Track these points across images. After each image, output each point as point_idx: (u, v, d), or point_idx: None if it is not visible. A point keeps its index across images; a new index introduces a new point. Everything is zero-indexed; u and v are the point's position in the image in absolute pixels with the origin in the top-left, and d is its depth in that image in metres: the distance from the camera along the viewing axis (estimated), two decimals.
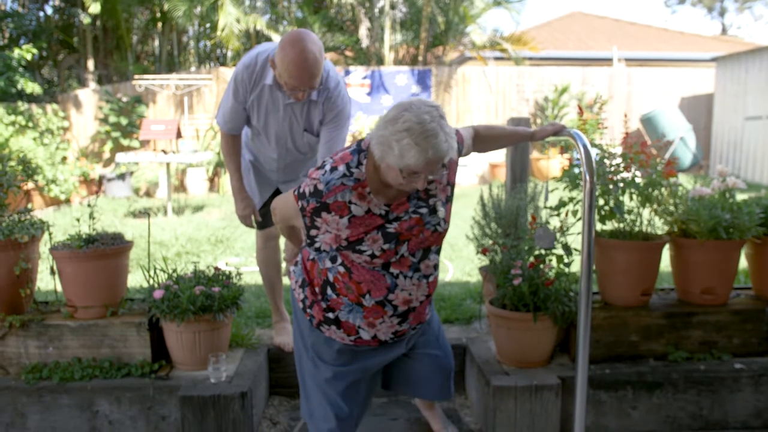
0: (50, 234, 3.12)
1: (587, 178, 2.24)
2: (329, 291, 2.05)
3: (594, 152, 2.99)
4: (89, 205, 3.06)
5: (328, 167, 1.93)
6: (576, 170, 3.03)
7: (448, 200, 2.05)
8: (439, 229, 1.99)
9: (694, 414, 2.92)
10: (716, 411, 2.93)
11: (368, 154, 1.91)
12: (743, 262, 3.30)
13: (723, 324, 3.02)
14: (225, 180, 11.73)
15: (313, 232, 1.96)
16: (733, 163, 12.08)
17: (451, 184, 2.07)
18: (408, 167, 1.76)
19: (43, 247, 3.09)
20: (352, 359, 2.19)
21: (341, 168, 1.90)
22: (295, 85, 2.58)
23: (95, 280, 2.93)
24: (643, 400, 2.90)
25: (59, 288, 3.07)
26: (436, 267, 2.11)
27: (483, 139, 2.36)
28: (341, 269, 2.00)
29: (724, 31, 35.91)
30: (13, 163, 3.19)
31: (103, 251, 2.91)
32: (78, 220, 3.05)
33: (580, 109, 3.02)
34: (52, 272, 2.99)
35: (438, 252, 2.11)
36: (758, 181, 11.29)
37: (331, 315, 2.08)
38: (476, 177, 12.61)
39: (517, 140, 2.54)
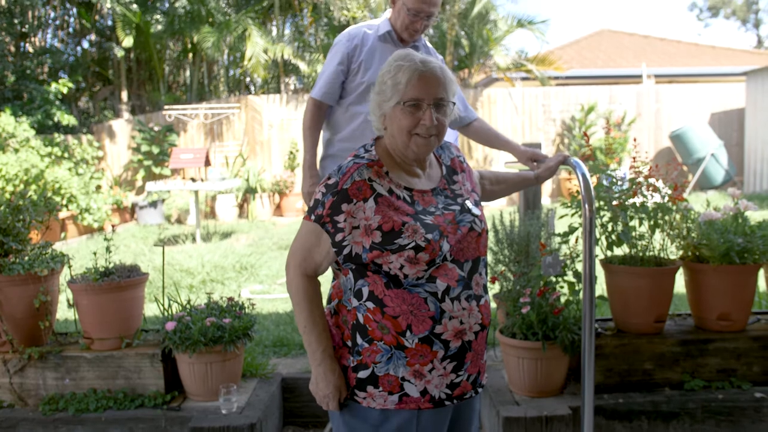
0: (70, 266, 3.21)
1: (586, 207, 2.23)
2: (359, 339, 1.68)
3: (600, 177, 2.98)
4: (106, 239, 3.14)
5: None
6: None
7: (478, 204, 1.86)
8: (476, 227, 1.74)
9: None
10: None
11: (375, 142, 1.81)
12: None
13: (742, 351, 2.94)
14: (253, 206, 11.91)
15: (339, 236, 1.65)
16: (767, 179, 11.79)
17: (476, 192, 1.93)
18: (406, 93, 1.68)
19: (64, 279, 3.19)
20: None
21: (350, 158, 1.77)
22: (418, 9, 2.73)
23: (111, 312, 3.00)
24: (659, 431, 2.83)
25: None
26: (486, 289, 1.80)
27: (490, 180, 2.24)
28: (370, 305, 1.67)
29: (759, 42, 35.28)
30: (49, 194, 3.30)
31: (118, 284, 2.98)
32: (95, 253, 3.13)
33: (586, 135, 3.01)
34: (70, 305, 3.07)
35: (485, 269, 1.82)
36: None
37: (363, 374, 1.68)
38: (504, 198, 12.54)
39: (524, 185, 2.42)
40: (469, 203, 1.80)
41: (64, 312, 3.52)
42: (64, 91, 11.77)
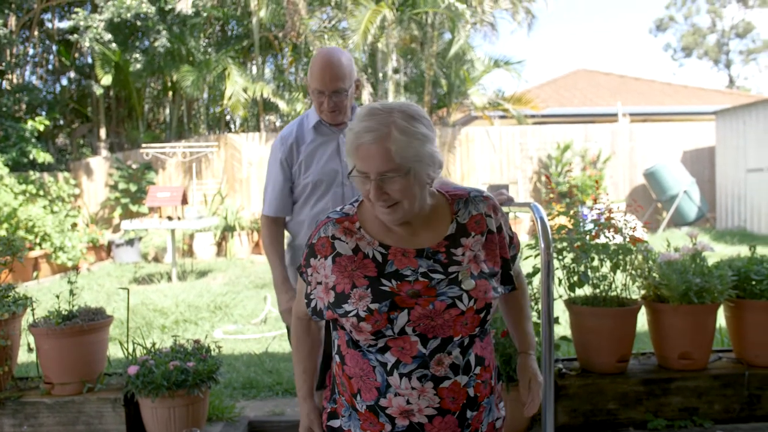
0: (32, 309, 3.17)
1: (543, 250, 2.27)
2: (336, 389, 1.66)
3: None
4: (69, 282, 3.12)
5: None
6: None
7: (483, 277, 1.55)
8: (459, 305, 1.48)
9: None
10: None
11: None
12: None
13: (703, 389, 2.97)
14: (232, 244, 11.86)
15: (308, 289, 1.63)
16: (738, 216, 12.01)
17: (487, 261, 1.59)
18: (352, 162, 1.51)
19: (27, 322, 3.15)
20: None
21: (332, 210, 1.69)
22: (320, 89, 2.52)
23: (72, 356, 2.97)
24: None
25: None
26: (458, 370, 1.51)
27: None
28: (337, 359, 1.63)
29: (731, 82, 36.27)
30: (21, 233, 3.28)
31: (81, 327, 2.95)
32: (58, 296, 3.10)
33: (548, 178, 3.07)
34: (30, 349, 3.03)
35: (464, 349, 1.53)
36: (764, 232, 11.19)
37: (334, 424, 1.64)
38: None
39: None
40: (462, 274, 1.53)
41: (25, 355, 3.46)
42: (41, 128, 11.75)
